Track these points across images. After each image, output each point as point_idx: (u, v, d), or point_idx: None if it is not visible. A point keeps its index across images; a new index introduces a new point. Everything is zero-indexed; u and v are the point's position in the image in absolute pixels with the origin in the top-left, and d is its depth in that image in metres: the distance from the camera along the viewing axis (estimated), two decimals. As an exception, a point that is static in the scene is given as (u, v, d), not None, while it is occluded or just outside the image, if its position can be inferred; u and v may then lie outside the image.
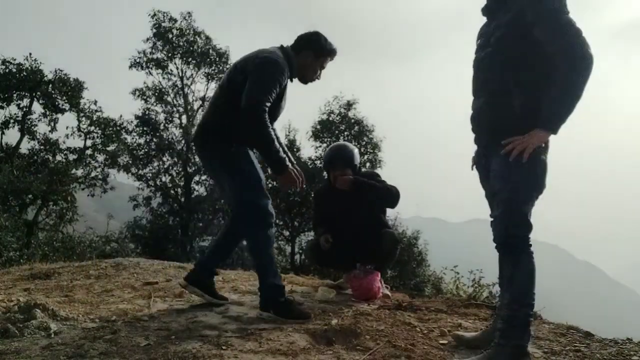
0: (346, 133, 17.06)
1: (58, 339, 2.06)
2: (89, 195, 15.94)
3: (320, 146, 17.11)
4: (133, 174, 17.19)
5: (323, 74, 2.80)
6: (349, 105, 17.38)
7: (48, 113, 14.75)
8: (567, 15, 1.83)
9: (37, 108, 14.78)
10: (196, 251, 17.10)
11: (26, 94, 14.42)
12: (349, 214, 3.28)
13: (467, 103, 2.18)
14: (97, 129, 15.46)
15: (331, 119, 17.45)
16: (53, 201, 14.48)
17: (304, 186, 2.65)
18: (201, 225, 17.56)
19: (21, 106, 14.54)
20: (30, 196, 13.77)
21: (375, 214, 3.36)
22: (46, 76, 14.40)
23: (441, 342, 2.23)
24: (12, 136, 14.85)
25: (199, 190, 18.18)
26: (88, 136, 15.47)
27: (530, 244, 1.93)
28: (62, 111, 14.92)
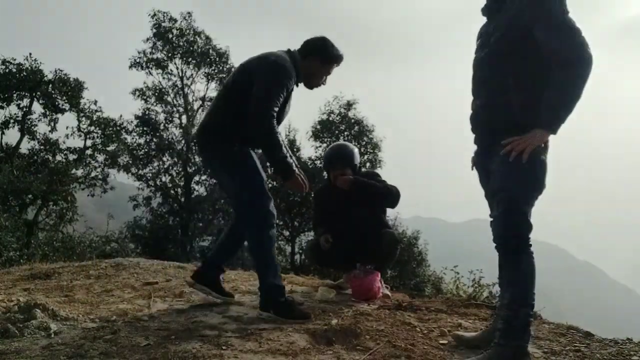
0: (346, 133, 17.07)
1: (58, 339, 2.07)
2: (89, 195, 15.93)
3: (320, 146, 17.13)
4: (133, 174, 17.21)
5: (328, 78, 2.80)
6: (349, 105, 17.39)
7: (48, 113, 14.75)
8: (566, 15, 1.83)
9: (37, 108, 14.83)
10: (196, 251, 17.10)
11: (26, 94, 14.41)
12: (349, 214, 3.28)
13: (467, 103, 2.18)
14: (97, 129, 15.46)
15: (331, 119, 17.46)
16: (53, 201, 14.48)
17: (308, 190, 2.68)
18: (201, 225, 17.58)
19: (21, 106, 14.55)
20: (30, 196, 13.77)
21: (376, 214, 3.36)
22: (46, 76, 14.40)
23: (441, 342, 2.23)
24: (12, 136, 14.86)
25: (199, 190, 18.22)
26: (88, 136, 15.48)
27: (530, 244, 1.92)
28: (62, 111, 14.91)
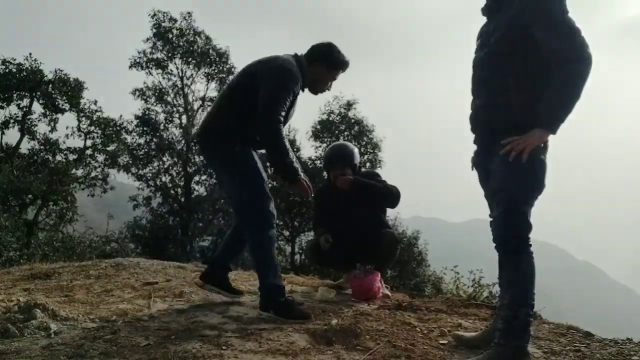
0: (346, 133, 17.07)
1: (58, 339, 2.07)
2: (89, 195, 15.93)
3: (320, 146, 17.14)
4: (133, 174, 17.21)
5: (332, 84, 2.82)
6: (349, 105, 17.39)
7: (48, 113, 14.75)
8: (566, 15, 1.83)
9: (37, 108, 14.82)
10: (196, 251, 17.10)
11: (26, 94, 14.41)
12: (349, 213, 3.28)
13: (467, 103, 2.17)
14: (97, 129, 15.46)
15: (331, 119, 17.46)
16: (53, 201, 14.48)
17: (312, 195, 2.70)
18: (201, 225, 17.58)
19: (21, 106, 14.55)
20: (30, 196, 13.77)
21: (376, 214, 3.36)
22: (46, 76, 14.39)
23: (441, 342, 2.23)
24: (12, 136, 14.86)
25: (199, 190, 18.22)
26: (88, 136, 15.47)
27: (530, 244, 1.92)
28: (62, 111, 14.91)
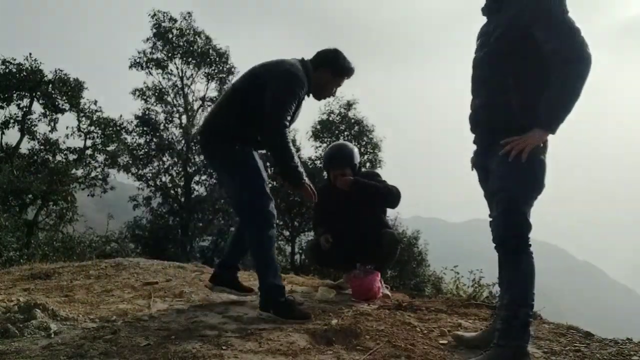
0: (346, 133, 17.07)
1: (58, 339, 2.07)
2: (89, 195, 15.93)
3: (320, 146, 17.14)
4: (133, 174, 17.22)
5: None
6: (349, 105, 17.39)
7: (48, 113, 14.75)
8: (566, 15, 1.83)
9: (37, 108, 14.83)
10: (196, 251, 17.10)
11: (26, 94, 14.41)
12: (349, 213, 3.28)
13: (467, 103, 2.17)
14: (97, 129, 15.46)
15: (331, 119, 17.46)
16: (53, 201, 14.48)
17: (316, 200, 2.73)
18: (201, 225, 17.58)
19: (21, 106, 14.55)
20: (30, 196, 13.77)
21: (376, 214, 3.36)
22: (46, 76, 14.40)
23: (441, 342, 2.23)
24: (12, 136, 14.86)
25: (199, 190, 18.23)
26: (88, 136, 15.48)
27: (530, 244, 1.92)
28: (62, 111, 14.91)
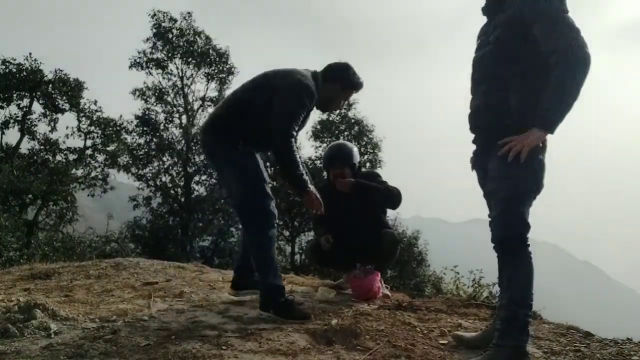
0: (346, 133, 17.07)
1: (58, 339, 2.07)
2: (89, 195, 15.93)
3: (320, 146, 17.13)
4: (133, 174, 17.20)
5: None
6: (349, 105, 17.37)
7: (48, 113, 14.75)
8: (566, 15, 1.82)
9: (37, 108, 14.82)
10: (196, 251, 17.10)
11: (26, 94, 14.41)
12: (349, 214, 3.27)
13: (467, 102, 2.17)
14: (97, 129, 15.45)
15: (331, 118, 17.45)
16: (53, 201, 14.48)
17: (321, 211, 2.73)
18: (201, 225, 17.57)
19: (21, 106, 14.55)
20: (30, 196, 13.77)
21: (376, 214, 3.36)
22: (46, 76, 14.39)
23: (441, 342, 2.23)
24: (12, 136, 14.87)
25: (199, 190, 18.21)
26: (88, 136, 15.47)
27: (529, 244, 1.92)
28: (62, 111, 14.91)
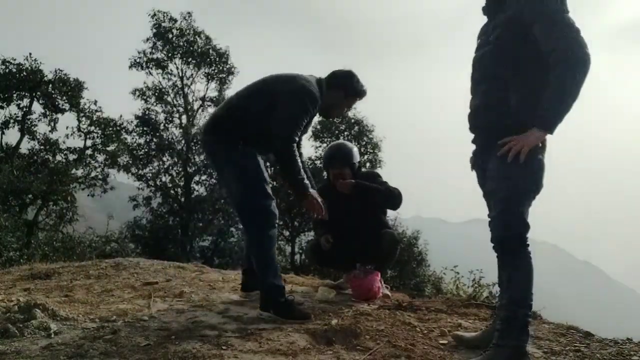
0: (346, 133, 17.07)
1: (58, 339, 2.07)
2: (89, 195, 15.93)
3: (320, 146, 17.13)
4: (133, 174, 17.20)
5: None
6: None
7: (48, 113, 14.73)
8: (566, 15, 1.82)
9: (37, 108, 14.80)
10: (196, 251, 17.09)
11: (26, 94, 14.40)
12: (349, 214, 3.27)
13: (467, 102, 2.17)
14: (97, 129, 15.44)
15: (331, 118, 17.47)
16: (53, 201, 14.47)
17: (323, 216, 2.75)
18: (201, 225, 17.57)
19: (21, 106, 14.53)
20: (30, 196, 13.77)
21: (376, 214, 3.36)
22: (46, 76, 14.37)
23: (441, 342, 2.23)
24: (12, 136, 14.87)
25: (199, 190, 18.20)
26: (88, 136, 15.45)
27: (528, 244, 1.92)
28: (62, 111, 14.90)
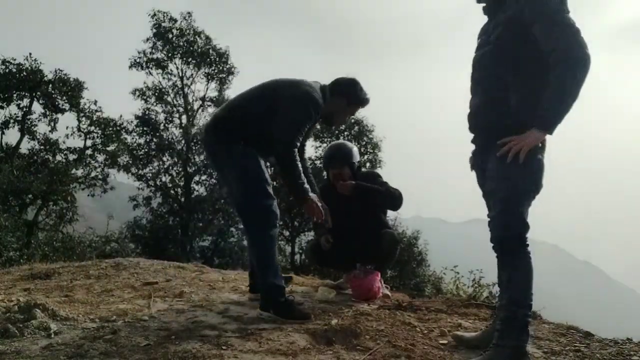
0: (346, 133, 17.06)
1: (58, 339, 2.07)
2: (89, 195, 15.93)
3: (320, 146, 17.13)
4: (133, 174, 17.20)
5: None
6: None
7: (48, 113, 14.74)
8: (566, 15, 1.82)
9: (37, 108, 14.81)
10: (196, 251, 17.10)
11: (26, 94, 14.40)
12: (349, 214, 3.27)
13: (467, 102, 2.17)
14: (97, 129, 15.44)
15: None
16: (53, 201, 14.47)
17: (323, 220, 2.78)
18: (201, 225, 17.57)
19: (21, 106, 14.54)
20: (30, 196, 13.77)
21: (376, 214, 3.36)
22: (46, 76, 14.38)
23: (441, 342, 2.23)
24: (12, 136, 14.87)
25: (199, 190, 18.21)
26: (88, 136, 15.46)
27: (528, 244, 1.92)
28: (62, 111, 14.90)
